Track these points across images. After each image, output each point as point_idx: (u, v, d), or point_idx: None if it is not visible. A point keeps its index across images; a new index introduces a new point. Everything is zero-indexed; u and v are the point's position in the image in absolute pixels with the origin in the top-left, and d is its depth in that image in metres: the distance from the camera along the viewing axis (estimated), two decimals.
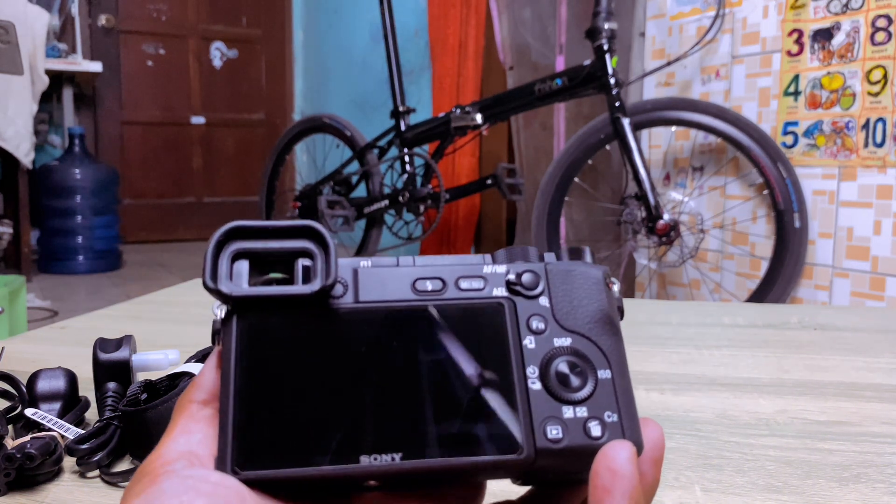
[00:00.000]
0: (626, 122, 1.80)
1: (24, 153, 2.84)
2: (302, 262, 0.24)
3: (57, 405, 0.51)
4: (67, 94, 3.48)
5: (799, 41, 1.77)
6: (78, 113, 3.63)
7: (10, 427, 0.49)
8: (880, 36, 1.60)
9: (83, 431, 0.48)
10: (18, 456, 0.42)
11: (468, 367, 0.23)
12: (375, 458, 0.22)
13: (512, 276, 0.25)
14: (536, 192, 2.07)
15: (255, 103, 4.34)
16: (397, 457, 0.22)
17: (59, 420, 0.49)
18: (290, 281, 0.24)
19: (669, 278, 2.15)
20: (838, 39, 1.68)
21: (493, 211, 3.18)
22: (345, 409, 0.22)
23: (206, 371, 0.24)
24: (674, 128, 2.03)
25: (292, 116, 4.38)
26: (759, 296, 1.78)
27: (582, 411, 0.23)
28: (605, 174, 2.37)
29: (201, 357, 0.54)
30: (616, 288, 0.26)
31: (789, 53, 1.79)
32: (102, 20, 3.78)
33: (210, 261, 0.23)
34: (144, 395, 0.48)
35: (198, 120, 4.16)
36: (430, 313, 0.24)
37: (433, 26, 3.08)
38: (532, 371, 0.24)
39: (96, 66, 3.39)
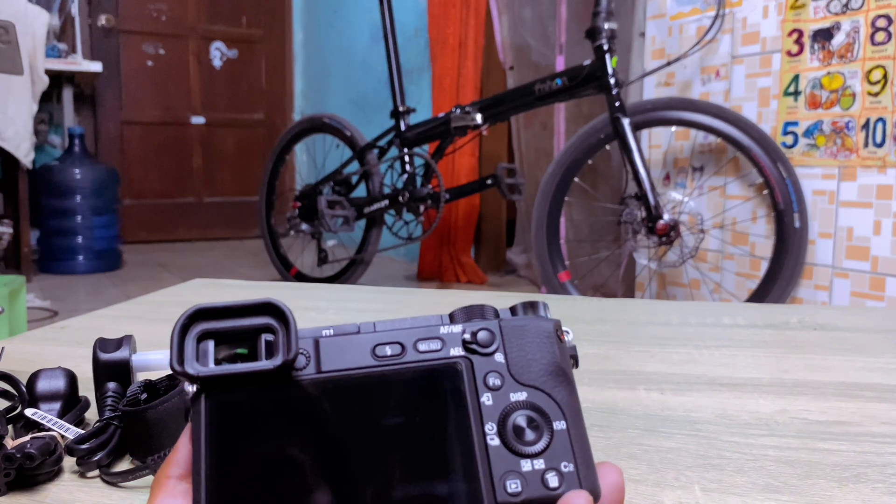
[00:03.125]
0: (626, 122, 1.80)
1: (24, 153, 2.84)
2: (265, 337, 0.24)
3: (57, 405, 0.51)
4: (67, 94, 3.48)
5: (799, 41, 1.77)
6: (78, 113, 3.63)
7: (10, 427, 0.49)
8: (880, 36, 1.60)
9: (83, 431, 0.48)
10: (18, 456, 0.42)
11: (429, 428, 0.24)
12: None
13: (468, 336, 0.26)
14: (536, 192, 2.07)
15: (255, 103, 4.34)
16: None
17: (59, 420, 0.49)
18: (254, 356, 0.24)
19: (669, 278, 2.15)
20: (838, 39, 1.68)
21: (493, 211, 3.18)
22: (312, 480, 0.23)
23: (180, 446, 0.25)
24: (674, 128, 2.03)
25: (292, 116, 4.38)
26: (759, 296, 1.78)
27: (539, 463, 0.24)
28: (605, 174, 2.37)
29: None
30: (569, 338, 0.27)
31: (789, 53, 1.79)
32: (102, 20, 3.78)
33: (176, 343, 0.24)
34: (144, 395, 0.48)
35: (198, 120, 4.16)
36: (390, 379, 0.25)
37: (433, 26, 3.08)
38: (490, 427, 0.24)
39: (96, 66, 3.39)
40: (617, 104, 1.81)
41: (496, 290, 2.69)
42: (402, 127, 2.40)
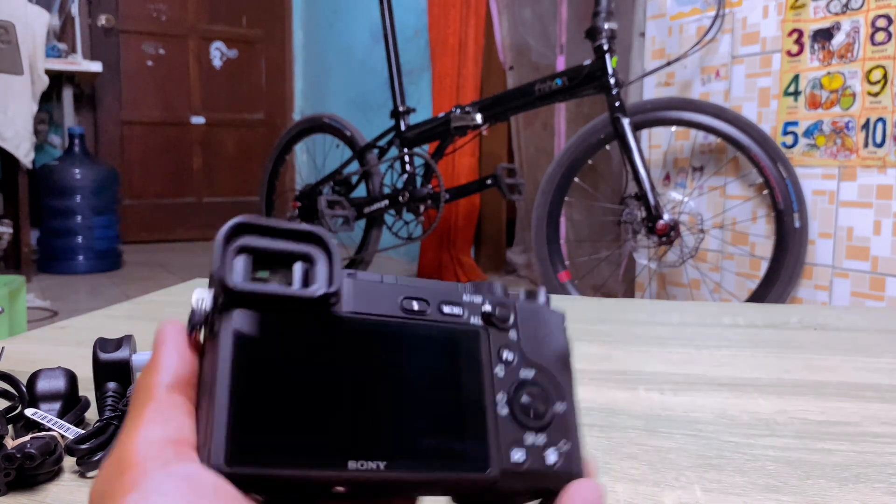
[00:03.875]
0: (626, 122, 1.80)
1: (24, 153, 2.84)
2: (301, 265, 0.24)
3: (57, 405, 0.51)
4: (67, 94, 3.48)
5: (799, 41, 1.77)
6: (78, 113, 3.63)
7: (10, 427, 0.49)
8: (880, 36, 1.60)
9: (83, 431, 0.48)
10: (18, 456, 0.42)
11: (446, 388, 0.25)
12: (363, 465, 0.23)
13: (488, 308, 0.27)
14: (536, 192, 2.07)
15: (255, 103, 4.34)
16: (382, 465, 0.23)
17: (59, 420, 0.49)
18: (288, 282, 0.24)
19: (669, 278, 2.15)
20: (838, 39, 1.68)
21: (493, 211, 3.18)
22: (337, 413, 0.23)
23: (168, 354, 0.23)
24: (674, 128, 2.03)
25: (292, 116, 4.38)
26: (759, 296, 1.78)
27: (541, 439, 0.26)
28: (605, 174, 2.37)
29: None
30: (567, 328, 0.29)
31: (789, 53, 1.79)
32: (102, 20, 3.78)
33: (220, 252, 0.23)
34: None
35: (198, 120, 4.16)
36: (415, 333, 0.25)
37: (433, 26, 3.08)
38: (501, 398, 0.26)
39: (96, 66, 3.39)
40: (617, 104, 1.81)
41: None
42: (402, 127, 2.40)
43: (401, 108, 2.41)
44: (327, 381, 0.23)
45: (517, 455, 0.25)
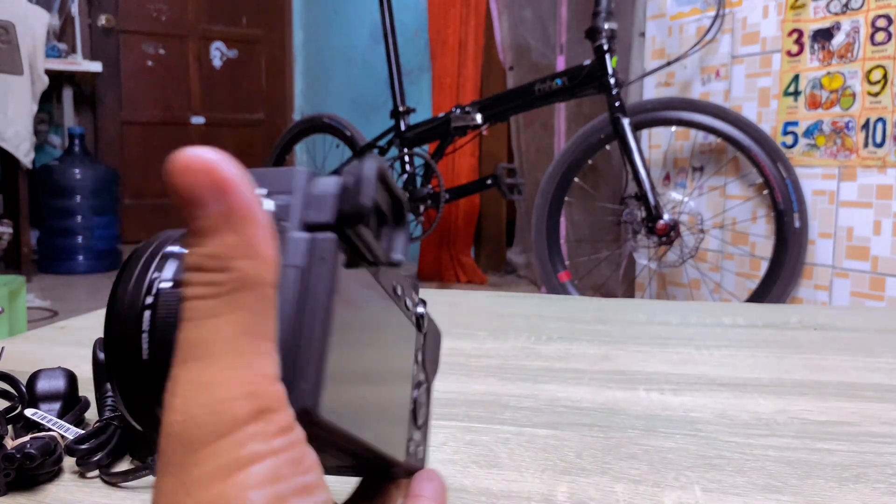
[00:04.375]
0: (626, 122, 1.80)
1: (24, 153, 2.84)
2: (391, 228, 0.21)
3: (57, 405, 0.51)
4: (67, 94, 3.48)
5: (799, 41, 1.77)
6: (78, 113, 3.63)
7: (9, 427, 0.49)
8: (880, 36, 1.60)
9: (83, 431, 0.48)
10: (18, 456, 0.42)
11: None
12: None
13: None
14: (536, 192, 2.07)
15: (255, 103, 4.34)
16: None
17: (59, 420, 0.49)
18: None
19: (669, 278, 2.15)
20: (838, 39, 1.68)
21: (493, 211, 3.18)
22: (400, 402, 0.24)
23: (264, 236, 0.17)
24: (674, 128, 2.03)
25: (292, 116, 4.38)
26: (759, 296, 1.78)
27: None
28: (605, 174, 2.37)
29: None
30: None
31: (789, 53, 1.79)
32: (102, 20, 3.78)
33: (373, 170, 0.19)
34: None
35: (198, 120, 4.16)
36: None
37: (433, 26, 3.08)
38: None
39: (96, 66, 3.39)
40: (617, 104, 1.81)
41: (496, 290, 2.69)
42: (402, 127, 2.40)
43: (401, 108, 2.41)
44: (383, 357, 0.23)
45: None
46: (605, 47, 1.82)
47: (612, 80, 1.82)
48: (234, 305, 0.16)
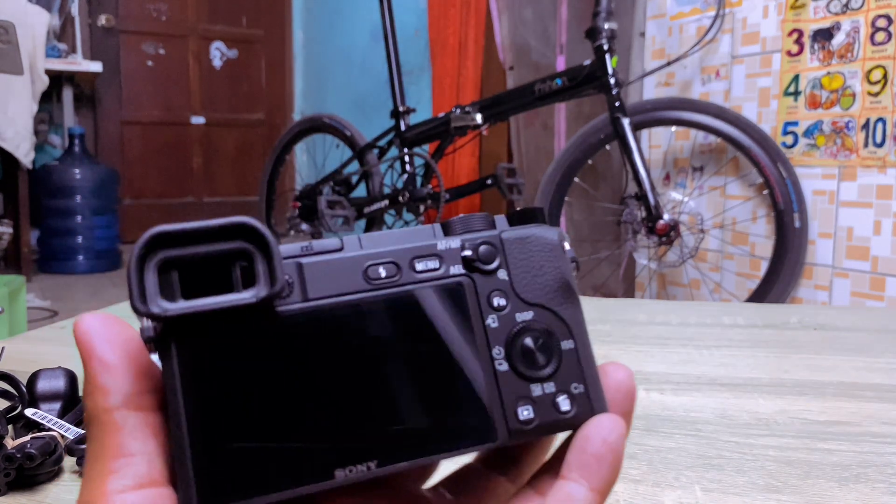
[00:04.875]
0: (626, 122, 1.80)
1: (24, 153, 2.84)
2: (239, 264, 0.21)
3: (57, 405, 0.51)
4: (67, 94, 3.48)
5: (799, 41, 1.77)
6: (78, 113, 3.63)
7: (10, 427, 0.49)
8: (880, 36, 1.60)
9: (83, 431, 0.47)
10: (18, 456, 0.42)
11: (433, 357, 0.22)
12: (350, 471, 0.21)
13: (468, 252, 0.23)
14: (536, 192, 2.07)
15: (255, 103, 4.34)
16: (372, 465, 0.21)
17: (59, 420, 0.49)
18: (229, 287, 0.21)
19: (669, 278, 2.15)
20: (838, 39, 1.68)
21: (493, 211, 3.17)
22: (311, 422, 0.21)
23: (102, 372, 0.20)
24: (674, 128, 2.03)
25: (292, 116, 4.38)
26: (759, 296, 1.78)
27: (550, 387, 0.23)
28: (605, 174, 2.37)
29: None
30: (568, 247, 0.25)
31: (789, 53, 1.79)
32: (102, 20, 3.78)
33: (135, 279, 0.19)
34: None
35: (198, 120, 4.16)
36: (386, 304, 0.22)
37: (433, 26, 3.08)
38: (498, 352, 0.23)
39: (96, 66, 3.39)
40: (617, 104, 1.81)
41: None
42: (402, 127, 2.40)
43: (401, 108, 2.41)
44: (295, 387, 0.21)
45: (525, 412, 0.22)
46: (606, 47, 1.82)
47: (612, 80, 1.82)
48: (89, 438, 0.20)
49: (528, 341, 0.23)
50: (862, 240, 1.66)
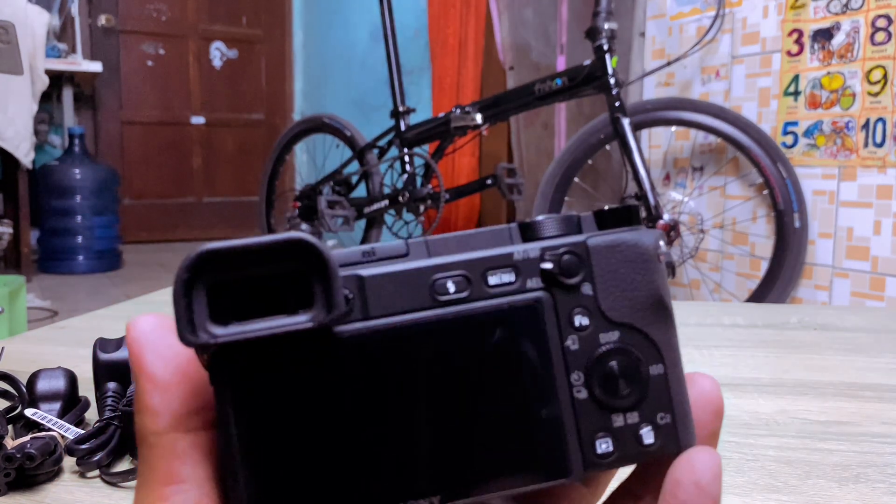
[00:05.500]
0: (626, 122, 1.80)
1: (24, 153, 2.84)
2: (295, 284, 0.19)
3: (57, 405, 0.51)
4: (67, 94, 3.48)
5: (799, 41, 1.77)
6: (78, 113, 3.63)
7: (10, 427, 0.49)
8: (880, 36, 1.60)
9: (83, 431, 0.48)
10: (18, 456, 0.42)
11: (505, 383, 0.20)
12: None
13: (549, 264, 0.21)
14: (536, 192, 2.07)
15: (255, 103, 4.34)
16: (436, 501, 0.19)
17: (59, 420, 0.49)
18: (284, 309, 0.19)
19: (669, 278, 2.15)
20: (838, 39, 1.68)
21: (493, 211, 3.18)
22: (371, 452, 0.19)
23: (150, 394, 0.19)
24: (674, 128, 2.03)
25: (292, 116, 4.38)
26: (759, 296, 1.78)
27: (633, 417, 0.21)
28: (605, 174, 2.37)
29: None
30: (665, 249, 0.22)
31: (789, 53, 1.79)
32: (102, 20, 3.78)
33: (182, 304, 0.18)
34: None
35: (198, 120, 4.16)
36: (454, 325, 0.20)
37: (433, 26, 3.08)
38: (577, 378, 0.21)
39: (96, 66, 3.39)
40: (617, 104, 1.81)
41: None
42: (402, 127, 2.40)
43: (401, 108, 2.41)
44: (354, 415, 0.19)
45: (604, 446, 0.20)
46: (606, 47, 1.82)
47: (612, 80, 1.82)
48: (139, 459, 0.19)
49: (612, 366, 0.21)
50: (862, 240, 1.66)
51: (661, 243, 0.22)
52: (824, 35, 1.71)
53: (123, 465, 0.47)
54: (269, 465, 0.19)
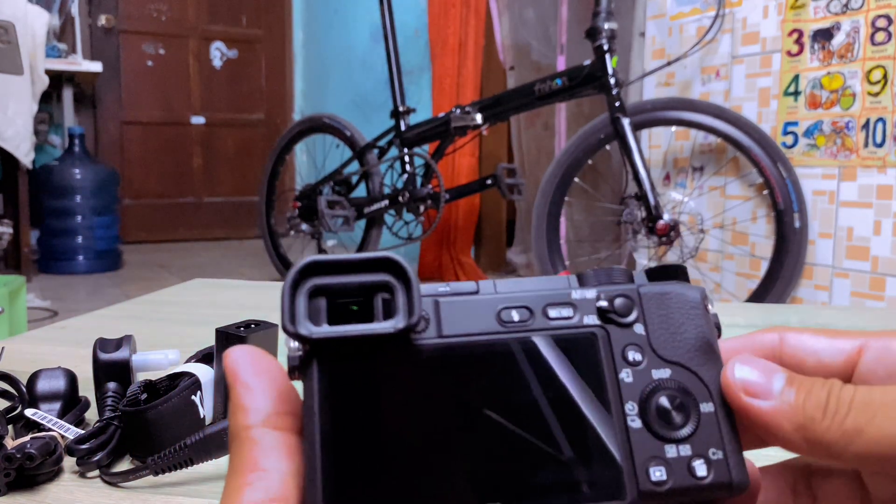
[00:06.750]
0: (626, 122, 1.80)
1: (24, 153, 2.84)
2: (381, 296, 0.22)
3: (57, 405, 0.51)
4: (67, 94, 3.49)
5: (799, 41, 1.77)
6: (78, 113, 3.63)
7: (10, 427, 0.49)
8: (880, 36, 1.60)
9: (83, 431, 0.48)
10: (18, 456, 0.42)
11: (562, 406, 0.22)
12: None
13: (604, 303, 0.23)
14: (536, 192, 2.07)
15: (255, 103, 4.34)
16: None
17: (59, 420, 0.49)
18: (368, 316, 0.22)
19: None
20: (838, 39, 1.68)
21: (493, 211, 3.18)
22: (438, 457, 0.21)
23: (246, 393, 0.21)
24: (674, 128, 2.03)
25: (292, 116, 4.38)
26: (759, 296, 1.78)
27: (685, 450, 0.22)
28: (605, 174, 2.37)
29: (201, 357, 0.54)
30: (712, 308, 0.24)
31: (789, 53, 1.79)
32: (102, 20, 3.78)
33: (287, 302, 0.21)
34: (144, 395, 0.48)
35: (198, 120, 4.16)
36: (518, 348, 0.22)
37: (433, 26, 3.08)
38: (631, 408, 0.22)
39: (96, 66, 3.39)
40: (617, 104, 1.81)
41: None
42: (402, 127, 2.40)
43: (401, 108, 2.41)
44: (425, 420, 0.21)
45: (657, 473, 0.21)
46: (606, 47, 1.82)
47: (612, 80, 1.82)
48: (230, 454, 0.21)
49: (665, 400, 0.22)
50: (862, 240, 1.66)
51: (709, 300, 0.24)
52: (824, 35, 1.71)
53: (123, 465, 0.47)
54: (345, 456, 0.21)
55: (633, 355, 0.23)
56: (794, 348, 0.21)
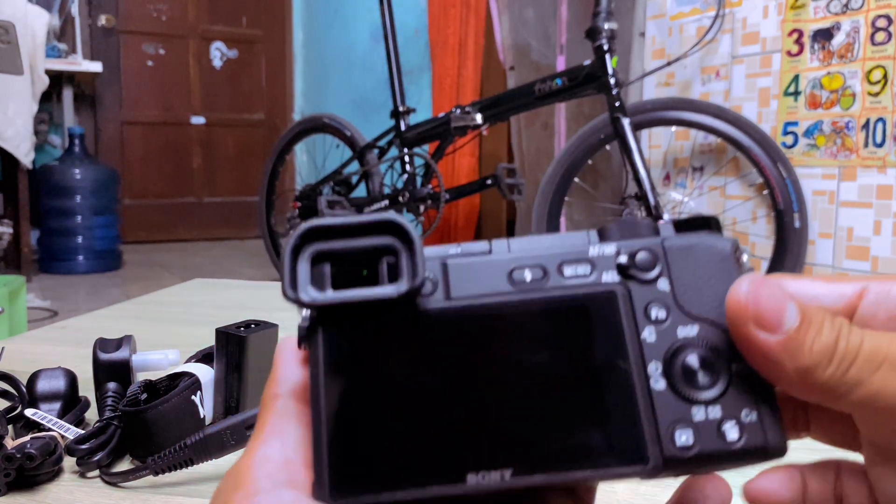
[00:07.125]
0: (626, 122, 1.80)
1: (24, 153, 2.84)
2: (387, 259, 0.21)
3: (57, 405, 0.51)
4: (67, 94, 3.49)
5: (799, 41, 1.77)
6: (78, 113, 3.63)
7: (10, 427, 0.49)
8: (880, 36, 1.60)
9: (83, 431, 0.48)
10: (18, 456, 0.42)
11: (578, 369, 0.21)
12: (483, 476, 0.20)
13: (623, 259, 0.21)
14: (536, 192, 2.07)
15: (255, 103, 4.34)
16: (507, 473, 0.20)
17: (59, 420, 0.49)
18: (374, 280, 0.21)
19: None
20: (838, 39, 1.68)
21: (493, 211, 3.18)
22: (446, 421, 0.20)
23: (283, 365, 0.23)
24: (674, 128, 2.03)
25: (292, 116, 4.38)
26: None
27: (715, 412, 0.20)
28: (605, 174, 2.37)
29: (201, 357, 0.54)
30: (745, 259, 0.22)
31: (789, 53, 1.79)
32: (102, 20, 3.78)
33: (288, 268, 0.20)
34: (144, 395, 0.48)
35: (198, 120, 4.16)
36: (530, 309, 0.21)
37: (433, 26, 3.08)
38: (654, 368, 0.21)
39: (96, 66, 3.39)
40: (617, 104, 1.81)
41: None
42: (402, 127, 2.40)
43: (401, 108, 2.41)
44: (433, 385, 0.20)
45: (683, 437, 0.20)
46: (606, 47, 1.82)
47: (612, 80, 1.82)
48: (257, 419, 0.23)
49: (691, 359, 0.21)
50: (862, 240, 1.66)
51: (742, 251, 0.22)
52: (824, 35, 1.71)
53: (123, 465, 0.47)
54: (350, 422, 0.20)
55: (656, 312, 0.21)
56: (794, 294, 0.21)
